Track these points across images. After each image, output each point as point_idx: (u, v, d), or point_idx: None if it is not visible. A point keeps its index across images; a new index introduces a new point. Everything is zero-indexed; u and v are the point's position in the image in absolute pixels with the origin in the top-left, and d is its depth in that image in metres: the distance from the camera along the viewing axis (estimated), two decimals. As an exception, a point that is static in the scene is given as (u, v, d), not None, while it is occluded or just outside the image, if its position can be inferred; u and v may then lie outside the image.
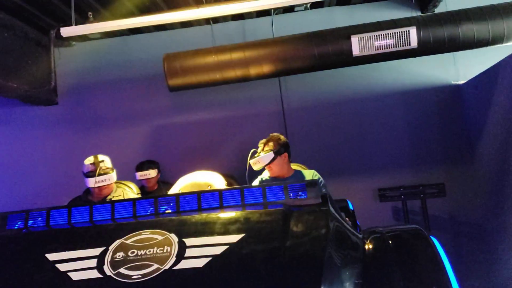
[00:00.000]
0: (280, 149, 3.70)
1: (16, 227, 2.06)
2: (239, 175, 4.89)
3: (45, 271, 1.72)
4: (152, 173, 5.00)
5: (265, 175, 3.87)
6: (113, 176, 3.55)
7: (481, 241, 5.10)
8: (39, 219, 2.07)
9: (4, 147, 6.00)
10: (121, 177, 4.28)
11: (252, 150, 3.75)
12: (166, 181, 5.17)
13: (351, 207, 4.07)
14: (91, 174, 3.44)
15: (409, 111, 5.69)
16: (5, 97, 5.41)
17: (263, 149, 3.71)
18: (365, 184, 5.65)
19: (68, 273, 1.66)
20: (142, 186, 5.09)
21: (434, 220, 5.46)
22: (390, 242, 1.84)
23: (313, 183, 2.06)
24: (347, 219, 3.35)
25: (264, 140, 3.79)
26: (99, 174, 3.43)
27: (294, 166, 4.00)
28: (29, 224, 2.06)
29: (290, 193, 2.04)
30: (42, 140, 5.98)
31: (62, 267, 1.70)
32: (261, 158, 3.63)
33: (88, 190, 3.63)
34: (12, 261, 1.83)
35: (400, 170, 5.64)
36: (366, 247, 1.85)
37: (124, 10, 5.01)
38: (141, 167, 5.05)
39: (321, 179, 3.74)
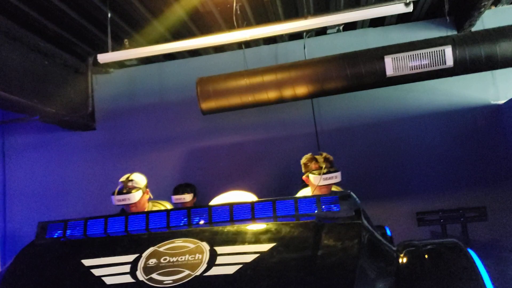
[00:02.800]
0: None
1: (55, 236, 2.10)
2: (272, 196, 4.85)
3: (81, 275, 1.74)
4: (187, 197, 5.01)
5: (303, 193, 3.79)
6: (135, 196, 3.49)
7: (528, 267, 4.85)
8: (77, 228, 2.11)
9: (44, 171, 6.18)
10: (158, 199, 4.33)
11: (318, 164, 3.56)
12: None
13: (389, 233, 3.96)
14: (115, 192, 3.49)
15: (447, 132, 5.56)
16: (45, 123, 5.61)
17: (331, 167, 3.54)
18: (402, 208, 5.51)
19: (102, 278, 1.69)
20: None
21: (476, 245, 5.23)
22: (425, 255, 1.77)
23: (346, 196, 2.01)
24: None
25: (322, 157, 3.61)
26: (120, 193, 3.46)
27: (334, 188, 3.91)
28: (67, 233, 2.10)
29: (322, 205, 2.00)
30: (80, 164, 6.14)
31: (96, 272, 1.73)
32: (337, 175, 3.46)
33: (123, 209, 3.67)
34: (50, 267, 1.87)
35: (439, 193, 5.49)
36: (400, 260, 1.78)
37: (158, 35, 5.16)
38: (177, 190, 5.09)
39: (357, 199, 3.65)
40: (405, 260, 1.81)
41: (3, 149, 6.31)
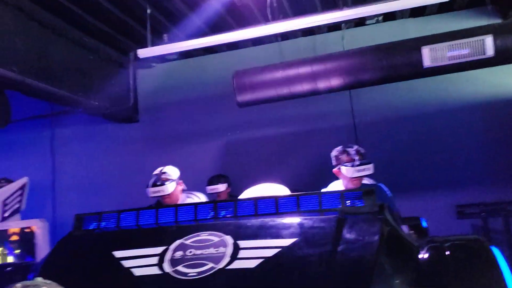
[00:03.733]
0: None
1: (90, 228, 2.24)
2: (307, 188, 4.89)
3: (111, 267, 1.86)
4: (221, 187, 5.12)
5: (334, 186, 3.80)
6: (169, 187, 3.62)
7: None
8: (111, 220, 2.24)
9: (90, 162, 6.47)
10: (196, 190, 4.47)
11: (351, 157, 3.54)
12: (236, 195, 5.28)
13: (424, 224, 3.92)
14: (149, 184, 3.64)
15: (489, 123, 5.42)
16: (90, 115, 5.86)
17: (363, 159, 3.50)
18: (442, 200, 5.43)
19: (131, 269, 1.80)
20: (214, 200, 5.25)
21: (518, 240, 5.11)
22: (447, 251, 1.78)
23: (370, 191, 2.04)
24: (412, 231, 3.23)
25: (354, 149, 3.58)
26: (154, 185, 3.60)
27: (365, 181, 3.91)
28: (101, 225, 2.24)
29: (346, 201, 2.04)
30: (124, 155, 6.38)
31: (126, 263, 1.84)
32: (370, 167, 3.44)
33: (158, 201, 3.83)
34: (84, 258, 2.00)
35: (480, 186, 5.37)
36: (421, 256, 1.81)
37: (197, 29, 5.26)
38: (211, 181, 5.20)
39: (389, 193, 3.64)
40: (426, 256, 1.83)
41: (52, 141, 6.64)
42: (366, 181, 4.02)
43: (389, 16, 5.70)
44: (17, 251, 5.18)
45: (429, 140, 5.55)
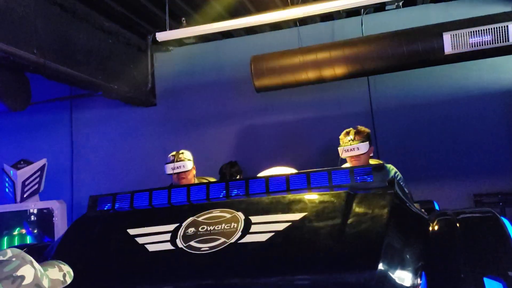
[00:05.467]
0: (371, 142, 3.69)
1: (105, 208, 2.30)
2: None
3: (126, 243, 1.91)
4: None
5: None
6: (187, 164, 3.82)
7: None
8: (125, 201, 2.29)
9: (108, 144, 6.56)
10: (209, 173, 4.50)
11: (342, 137, 3.65)
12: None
13: (437, 208, 3.91)
14: (169, 162, 3.85)
15: (509, 112, 5.32)
16: (109, 98, 5.93)
17: (355, 138, 3.60)
18: (459, 188, 5.37)
19: (145, 245, 1.85)
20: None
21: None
22: (458, 223, 1.78)
23: (380, 167, 2.04)
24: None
25: (353, 130, 3.69)
26: (173, 162, 3.78)
27: (372, 161, 3.92)
28: (116, 206, 2.29)
29: (356, 177, 2.05)
30: (141, 138, 6.45)
31: (140, 240, 1.89)
32: (359, 146, 3.52)
33: (172, 184, 3.91)
34: (100, 236, 2.06)
35: (499, 175, 5.29)
36: (431, 228, 1.80)
37: (215, 14, 5.26)
38: (223, 169, 5.27)
39: (398, 173, 3.64)
40: (436, 228, 1.82)
41: (71, 123, 6.74)
42: (373, 161, 4.03)
43: (409, 1, 5.61)
44: (35, 231, 5.31)
45: (447, 127, 5.49)
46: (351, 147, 3.52)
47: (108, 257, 1.91)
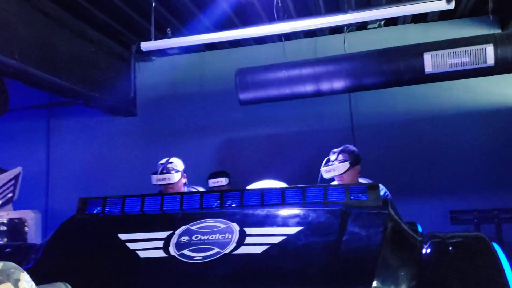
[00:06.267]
0: (354, 161, 3.67)
1: (95, 211, 2.25)
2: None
3: (116, 248, 1.87)
4: (223, 181, 5.19)
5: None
6: (174, 177, 3.68)
7: None
8: (115, 206, 2.25)
9: (85, 153, 6.45)
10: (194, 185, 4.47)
11: (326, 159, 3.70)
12: (234, 193, 5.30)
13: (420, 230, 3.96)
14: (156, 173, 3.70)
15: (485, 132, 5.48)
16: (89, 107, 5.85)
17: (337, 158, 3.63)
18: (436, 205, 5.47)
19: (137, 251, 1.81)
20: (213, 195, 5.26)
21: (510, 247, 5.15)
22: (450, 247, 1.80)
23: (375, 186, 2.07)
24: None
25: (337, 149, 3.72)
26: (161, 173, 3.64)
27: (362, 180, 3.96)
28: (106, 209, 2.24)
29: (350, 194, 2.06)
30: (120, 149, 6.37)
31: (131, 245, 1.85)
32: (337, 167, 3.54)
33: (161, 191, 3.84)
34: (89, 239, 2.01)
35: (474, 193, 5.41)
36: (424, 250, 1.83)
37: (201, 26, 5.28)
38: (214, 175, 5.27)
39: (387, 192, 3.68)
40: (429, 250, 1.84)
41: (48, 131, 6.61)
42: (364, 181, 4.07)
43: (391, 21, 5.75)
44: (5, 240, 5.13)
45: (425, 145, 5.60)
46: (329, 168, 3.57)
47: (98, 261, 1.87)
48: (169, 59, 6.46)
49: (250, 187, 3.02)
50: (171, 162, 3.78)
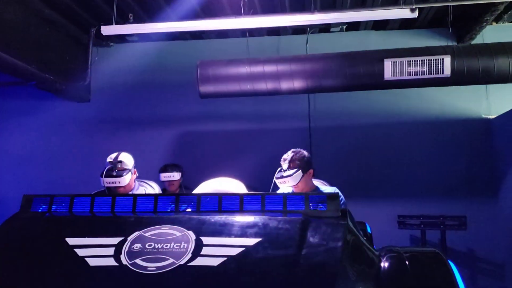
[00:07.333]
0: (306, 166, 3.64)
1: (39, 210, 2.10)
2: (261, 186, 4.90)
3: (64, 254, 1.75)
4: (176, 175, 5.05)
5: (288, 189, 3.84)
6: (124, 179, 3.42)
7: (501, 281, 4.97)
8: (63, 205, 2.12)
9: (34, 137, 6.16)
10: (145, 178, 4.34)
11: (278, 169, 3.67)
12: (188, 187, 5.20)
13: (369, 230, 4.02)
14: (104, 173, 3.41)
15: (436, 140, 5.65)
16: (42, 90, 5.59)
17: (289, 167, 3.60)
18: (385, 209, 5.59)
19: (86, 258, 1.70)
20: (164, 189, 5.15)
21: (453, 253, 5.35)
22: (407, 262, 1.81)
23: (334, 196, 2.05)
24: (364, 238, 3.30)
25: (288, 157, 3.62)
26: (110, 175, 3.39)
27: (316, 182, 3.96)
28: (52, 208, 2.10)
29: (310, 204, 2.04)
30: (71, 135, 6.13)
31: (80, 252, 1.73)
32: (291, 178, 3.47)
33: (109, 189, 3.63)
34: (33, 242, 1.88)
35: (422, 199, 5.58)
36: (382, 264, 1.83)
37: (164, 16, 5.13)
38: (165, 169, 5.11)
39: (342, 197, 3.70)
40: (386, 265, 1.85)
41: (-5, 112, 6.28)
42: (319, 183, 4.09)
43: (352, 27, 5.81)
44: None
45: (378, 150, 5.72)
46: (283, 180, 3.51)
47: (43, 269, 1.73)
48: (128, 46, 6.27)
49: (205, 184, 2.95)
50: (120, 161, 3.48)
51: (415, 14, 4.20)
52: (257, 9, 5.15)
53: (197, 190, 2.86)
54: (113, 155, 3.54)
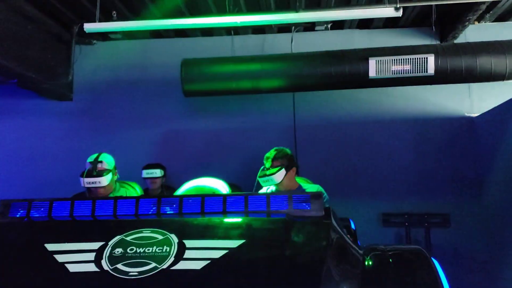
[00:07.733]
0: (289, 164, 3.63)
1: (18, 215, 2.06)
2: (244, 185, 4.88)
3: (43, 260, 1.72)
4: (158, 172, 5.03)
5: (272, 187, 3.83)
6: (104, 179, 3.35)
7: (484, 277, 5.03)
8: (42, 209, 2.08)
9: (15, 137, 6.05)
10: (128, 178, 4.28)
11: (261, 167, 3.65)
12: (170, 186, 5.17)
13: (353, 226, 4.03)
14: (85, 173, 3.35)
15: (420, 139, 5.68)
16: (23, 88, 5.49)
17: (272, 165, 3.58)
18: (369, 207, 5.61)
19: (66, 265, 1.66)
20: (147, 188, 5.11)
21: (437, 250, 5.39)
22: (391, 260, 1.82)
23: (318, 195, 2.05)
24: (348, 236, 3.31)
25: (271, 155, 3.63)
26: (90, 176, 3.33)
27: (299, 180, 3.95)
28: (31, 213, 2.06)
29: (294, 203, 2.03)
30: (53, 134, 6.02)
31: (60, 258, 1.70)
32: (275, 177, 3.47)
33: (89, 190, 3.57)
34: (11, 249, 1.83)
35: (406, 197, 5.60)
36: (366, 263, 1.83)
37: (148, 14, 5.08)
38: (148, 166, 5.10)
39: (326, 195, 3.70)
40: (370, 263, 1.85)
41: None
42: (302, 180, 4.08)
43: (337, 25, 5.81)
44: None
45: (363, 148, 5.73)
46: (266, 179, 3.52)
47: (21, 276, 1.68)
48: (112, 44, 6.19)
49: (188, 185, 2.93)
50: (100, 162, 3.42)
51: (400, 13, 4.21)
52: (242, 7, 5.12)
53: (179, 191, 2.84)
54: (94, 156, 3.49)
